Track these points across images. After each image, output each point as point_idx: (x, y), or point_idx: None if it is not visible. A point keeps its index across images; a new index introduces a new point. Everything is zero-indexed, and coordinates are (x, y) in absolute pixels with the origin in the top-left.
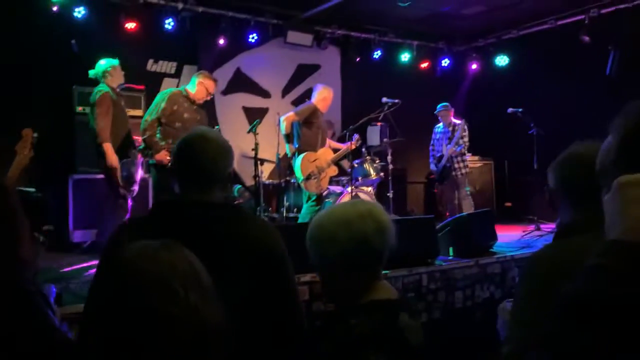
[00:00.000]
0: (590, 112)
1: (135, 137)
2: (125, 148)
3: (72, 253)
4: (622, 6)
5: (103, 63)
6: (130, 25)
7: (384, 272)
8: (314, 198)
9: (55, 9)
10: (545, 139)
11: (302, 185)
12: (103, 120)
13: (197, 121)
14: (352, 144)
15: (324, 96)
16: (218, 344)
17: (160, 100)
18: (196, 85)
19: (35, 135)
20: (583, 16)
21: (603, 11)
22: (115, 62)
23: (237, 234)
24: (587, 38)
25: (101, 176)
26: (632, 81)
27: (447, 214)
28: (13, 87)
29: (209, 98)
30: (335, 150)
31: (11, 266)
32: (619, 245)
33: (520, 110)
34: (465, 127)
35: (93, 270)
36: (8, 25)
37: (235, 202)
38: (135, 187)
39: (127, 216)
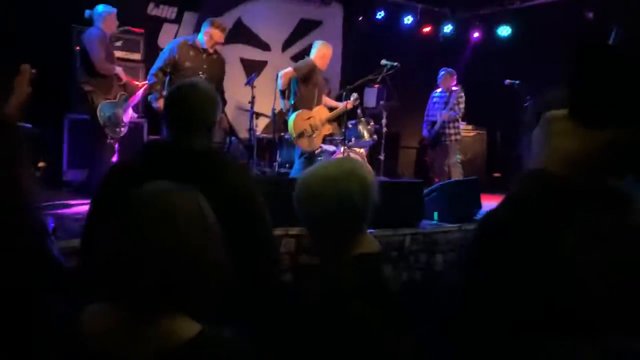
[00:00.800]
0: None
1: (134, 82)
2: (109, 90)
3: (64, 191)
4: None
5: (100, 7)
6: None
7: (369, 230)
8: (305, 155)
9: None
10: (540, 114)
11: (295, 142)
12: (99, 55)
13: (203, 70)
14: (348, 104)
15: (323, 53)
16: (218, 282)
17: (164, 50)
18: (203, 35)
19: (34, 71)
20: None
21: None
22: (112, 9)
23: (217, 178)
24: (591, 14)
25: None
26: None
27: (436, 180)
28: (13, 22)
29: (218, 47)
30: (331, 109)
31: (14, 195)
32: (536, 174)
33: (517, 82)
34: (462, 93)
35: (84, 208)
36: None
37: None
38: (123, 129)
39: (114, 158)
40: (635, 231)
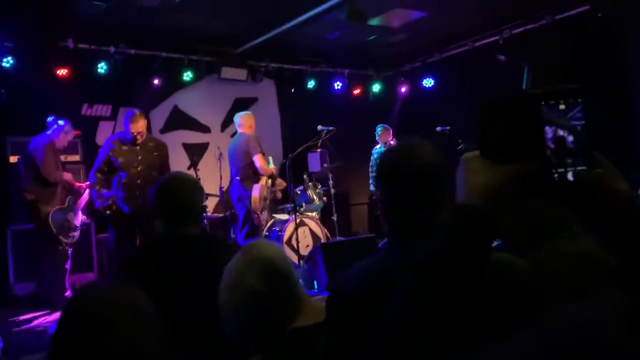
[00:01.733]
0: None
1: (78, 184)
2: (57, 197)
3: (14, 306)
4: (530, 26)
5: (62, 122)
6: (62, 72)
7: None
8: (250, 227)
9: None
10: None
11: (255, 219)
12: (48, 165)
13: (138, 162)
14: (273, 169)
15: (250, 123)
16: None
17: (100, 151)
18: (126, 131)
19: None
20: (497, 37)
21: (515, 31)
22: (71, 129)
23: (218, 261)
24: (503, 57)
25: None
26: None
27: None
28: None
29: (140, 137)
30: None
31: None
32: (460, 208)
33: (447, 128)
34: None
35: (36, 322)
36: None
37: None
38: (76, 234)
39: (68, 264)
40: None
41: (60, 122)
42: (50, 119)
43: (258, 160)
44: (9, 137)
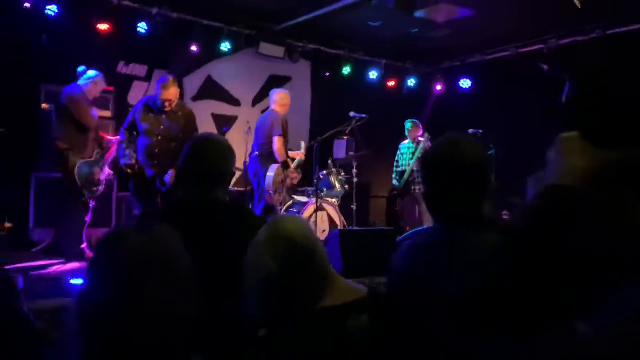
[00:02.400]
0: (547, 137)
1: (108, 137)
2: (86, 149)
3: (31, 251)
4: (579, 38)
5: (92, 73)
6: (103, 27)
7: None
8: (265, 206)
9: (26, 4)
10: (503, 160)
11: (269, 198)
12: (86, 114)
13: (159, 131)
14: (302, 153)
15: (284, 102)
16: (177, 332)
17: (131, 110)
18: (158, 95)
19: (1, 130)
20: (542, 46)
21: (561, 42)
22: (102, 78)
23: (244, 230)
24: (546, 67)
25: None
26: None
27: (408, 228)
28: None
29: (169, 104)
30: (292, 160)
31: None
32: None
33: (480, 131)
34: (429, 143)
35: (51, 270)
36: None
37: None
38: (100, 188)
39: (88, 217)
40: None
41: (92, 73)
42: (81, 68)
43: (277, 142)
44: (43, 85)
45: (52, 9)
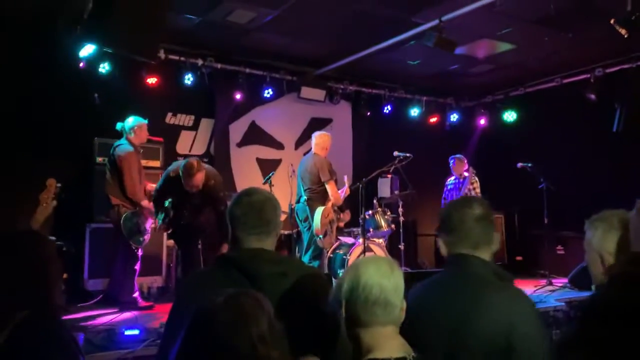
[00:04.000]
0: (598, 167)
1: (151, 185)
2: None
3: (86, 302)
4: (626, 66)
5: (132, 120)
6: (152, 80)
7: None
8: (315, 250)
9: (82, 64)
10: (555, 194)
11: (319, 241)
12: (134, 179)
13: (187, 208)
14: (346, 189)
15: (326, 145)
16: None
17: (164, 172)
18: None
19: (59, 185)
20: (588, 75)
21: (608, 70)
22: (144, 121)
23: (297, 286)
24: (593, 96)
25: None
26: (638, 137)
27: None
28: (38, 137)
29: (196, 189)
30: None
31: (50, 312)
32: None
33: (529, 164)
34: (475, 177)
35: (107, 319)
36: (38, 79)
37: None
38: (145, 237)
39: (138, 265)
40: None
41: (132, 121)
42: (119, 126)
43: (331, 188)
44: (97, 139)
45: (104, 67)
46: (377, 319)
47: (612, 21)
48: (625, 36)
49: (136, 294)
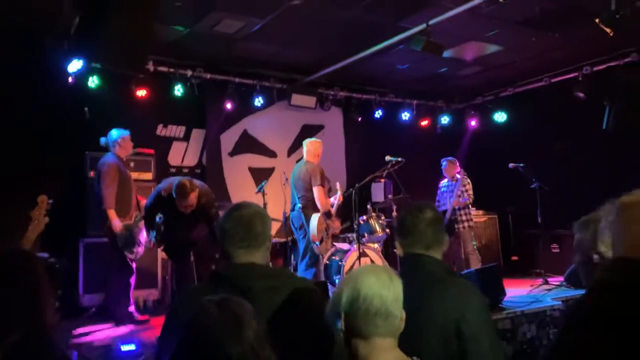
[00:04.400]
0: (589, 165)
1: (143, 199)
2: (127, 212)
3: (81, 317)
4: (613, 63)
5: (114, 134)
6: (141, 93)
7: None
8: (311, 257)
9: (70, 79)
10: (547, 193)
11: (315, 248)
12: (107, 189)
13: (180, 227)
14: (339, 196)
15: (317, 151)
16: None
17: (155, 189)
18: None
19: (51, 201)
20: (577, 73)
21: (596, 68)
22: (126, 133)
23: (290, 299)
24: (581, 94)
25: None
26: (628, 134)
27: (455, 269)
28: (28, 152)
29: (190, 209)
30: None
31: (42, 332)
32: (622, 261)
33: (521, 165)
34: (467, 179)
35: (102, 335)
36: (26, 94)
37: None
38: (140, 249)
39: (133, 278)
40: None
41: (114, 134)
42: (102, 140)
43: (317, 192)
44: (88, 153)
45: (93, 81)
46: (377, 331)
47: (597, 20)
48: (611, 35)
49: (132, 308)
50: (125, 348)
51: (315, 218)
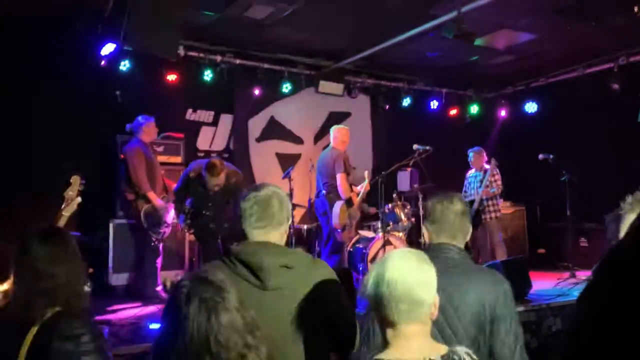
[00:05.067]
0: (621, 159)
1: (174, 185)
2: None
3: (110, 296)
4: None
5: (140, 119)
6: (171, 77)
7: None
8: (334, 244)
9: (103, 63)
10: (577, 186)
11: (337, 235)
12: (138, 172)
13: (208, 207)
14: (366, 185)
15: (344, 138)
16: None
17: (185, 170)
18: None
19: (83, 182)
20: (612, 64)
21: (632, 59)
22: (151, 119)
23: (305, 278)
24: (616, 86)
25: None
26: None
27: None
28: (61, 134)
29: (218, 187)
30: (356, 195)
31: (77, 308)
32: None
33: (551, 156)
34: (496, 169)
35: (132, 313)
36: (59, 78)
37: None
38: (166, 230)
39: (159, 259)
40: None
41: (140, 119)
42: (128, 127)
43: (340, 179)
44: (119, 136)
45: (125, 65)
46: (402, 316)
47: (635, 9)
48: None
49: (159, 288)
50: (153, 326)
51: (338, 205)
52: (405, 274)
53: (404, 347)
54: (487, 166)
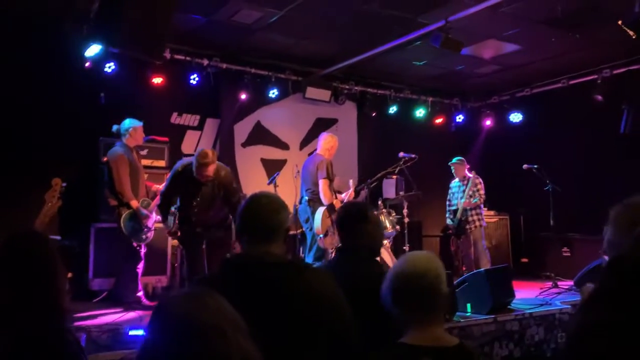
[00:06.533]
0: (605, 169)
1: (155, 185)
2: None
3: (91, 301)
4: (634, 67)
5: (127, 122)
6: (157, 80)
7: None
8: (317, 250)
9: (87, 64)
10: (561, 196)
11: (320, 242)
12: (122, 180)
13: (197, 202)
14: (351, 193)
15: (331, 145)
16: None
17: (171, 172)
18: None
19: (64, 184)
20: (595, 76)
21: (615, 71)
22: (139, 123)
23: (302, 288)
24: (600, 97)
25: None
26: None
27: (464, 268)
28: (43, 136)
29: (209, 179)
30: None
31: (54, 315)
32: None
33: (535, 166)
34: (478, 180)
35: (111, 319)
36: (43, 78)
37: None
38: (148, 235)
39: (141, 265)
40: None
41: (126, 123)
42: (114, 128)
43: (322, 185)
44: (102, 138)
45: (110, 66)
46: (423, 306)
47: (620, 22)
48: (634, 37)
49: (140, 293)
50: (133, 333)
51: (320, 212)
52: (424, 269)
53: (424, 334)
54: (469, 175)
